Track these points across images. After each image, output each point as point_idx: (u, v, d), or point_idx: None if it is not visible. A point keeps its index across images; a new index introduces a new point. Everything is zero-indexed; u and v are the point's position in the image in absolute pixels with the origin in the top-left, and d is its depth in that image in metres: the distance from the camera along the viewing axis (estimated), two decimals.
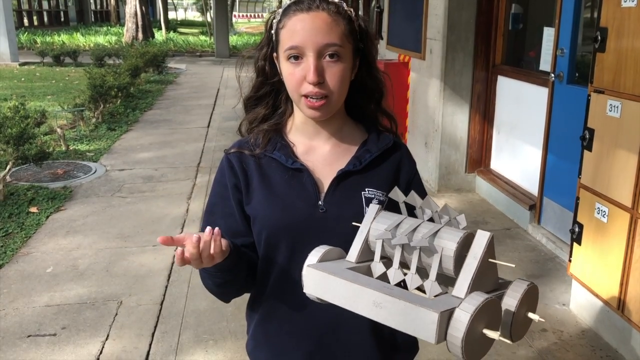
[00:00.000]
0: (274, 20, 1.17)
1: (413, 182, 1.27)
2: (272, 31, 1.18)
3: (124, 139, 7.03)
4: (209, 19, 24.42)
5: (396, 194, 1.01)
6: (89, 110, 7.57)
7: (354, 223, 1.04)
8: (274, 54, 1.20)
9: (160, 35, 23.21)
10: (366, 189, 1.19)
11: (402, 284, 0.94)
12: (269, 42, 1.20)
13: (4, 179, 4.65)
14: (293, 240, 1.18)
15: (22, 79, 11.87)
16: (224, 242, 1.06)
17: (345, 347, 1.22)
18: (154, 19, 30.02)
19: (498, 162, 4.86)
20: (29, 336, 2.86)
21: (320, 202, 1.18)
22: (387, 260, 0.99)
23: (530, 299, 0.94)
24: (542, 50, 4.07)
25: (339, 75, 1.13)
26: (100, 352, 2.74)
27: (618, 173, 2.61)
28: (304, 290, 0.98)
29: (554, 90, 3.80)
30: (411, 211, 1.01)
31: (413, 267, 0.93)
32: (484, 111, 4.90)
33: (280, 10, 1.17)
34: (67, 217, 4.41)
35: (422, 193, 1.30)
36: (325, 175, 1.20)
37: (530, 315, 0.94)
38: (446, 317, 0.80)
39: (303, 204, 1.18)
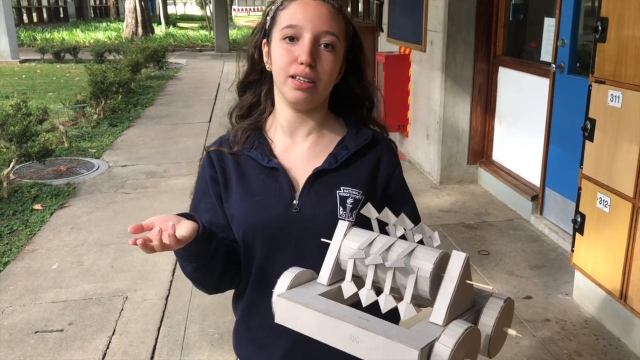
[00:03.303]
0: (273, 7, 1.17)
1: (393, 177, 1.24)
2: (268, 17, 1.17)
3: (126, 135, 7.04)
4: (208, 13, 24.36)
5: (368, 210, 0.96)
6: (90, 107, 7.58)
7: (322, 240, 0.99)
8: (264, 41, 1.19)
9: (160, 30, 23.17)
10: (341, 188, 1.17)
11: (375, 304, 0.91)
12: (262, 28, 1.20)
13: (7, 176, 4.67)
14: (268, 239, 1.17)
15: (23, 76, 11.88)
16: (183, 229, 1.04)
17: (325, 346, 1.21)
18: (153, 13, 29.96)
19: (500, 154, 4.86)
20: (36, 332, 2.88)
21: (295, 202, 1.16)
22: (358, 279, 0.95)
23: (506, 314, 0.92)
24: (543, 41, 4.07)
25: (330, 64, 1.13)
26: (107, 347, 2.76)
27: (620, 163, 2.62)
28: (275, 320, 0.93)
29: (555, 80, 3.80)
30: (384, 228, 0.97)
31: (387, 288, 0.89)
32: (485, 102, 4.90)
33: None
34: (71, 214, 4.43)
35: (403, 189, 1.27)
36: (302, 173, 1.19)
37: (509, 331, 0.92)
38: (426, 352, 0.78)
39: (278, 203, 1.17)
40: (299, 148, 1.21)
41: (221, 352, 2.71)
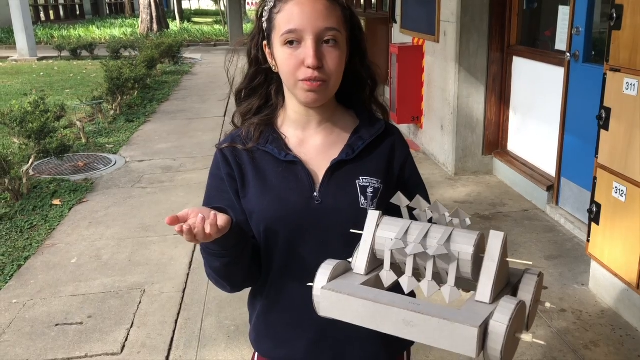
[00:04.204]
0: (266, 8, 1.15)
1: (407, 166, 1.26)
2: (264, 19, 1.16)
3: (142, 130, 7.11)
4: (222, 8, 24.41)
5: (399, 198, 0.98)
6: (107, 103, 7.66)
7: (352, 230, 1.00)
8: (264, 42, 1.19)
9: (174, 25, 23.29)
10: (360, 177, 1.18)
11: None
12: (260, 30, 1.19)
13: (27, 172, 4.75)
14: (290, 232, 1.18)
15: (41, 74, 12.03)
16: (221, 219, 1.04)
17: (348, 336, 1.21)
18: (168, 9, 30.11)
19: (515, 144, 4.83)
20: (56, 325, 2.94)
21: (315, 194, 1.17)
22: (393, 266, 0.97)
23: (539, 289, 0.95)
24: (558, 29, 4.02)
25: (337, 60, 1.12)
26: (126, 339, 2.81)
27: (636, 152, 2.59)
28: (319, 313, 0.95)
29: (570, 69, 3.76)
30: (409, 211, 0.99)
31: (429, 274, 0.92)
32: (499, 92, 4.87)
33: None
34: (89, 209, 4.50)
35: (417, 176, 1.29)
36: (320, 165, 1.19)
37: (546, 304, 0.95)
38: (483, 329, 0.81)
39: (298, 196, 1.17)
40: (313, 140, 1.22)
41: (237, 344, 2.74)
